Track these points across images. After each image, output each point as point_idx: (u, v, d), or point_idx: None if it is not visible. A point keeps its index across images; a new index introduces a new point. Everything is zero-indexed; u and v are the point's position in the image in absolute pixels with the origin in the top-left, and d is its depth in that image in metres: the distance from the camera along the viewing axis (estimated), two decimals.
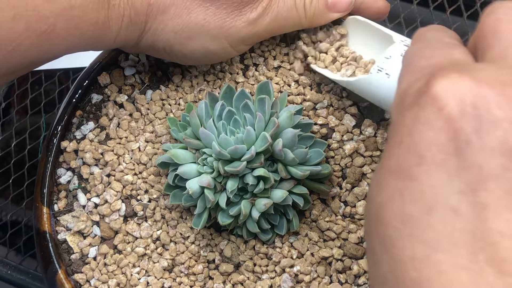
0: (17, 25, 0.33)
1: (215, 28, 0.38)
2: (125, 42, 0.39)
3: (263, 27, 0.39)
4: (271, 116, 0.39)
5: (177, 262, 0.41)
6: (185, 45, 0.39)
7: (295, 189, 0.39)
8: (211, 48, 0.39)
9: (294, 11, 0.40)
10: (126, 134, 0.44)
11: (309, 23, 0.41)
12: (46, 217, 0.43)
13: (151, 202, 0.42)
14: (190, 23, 0.38)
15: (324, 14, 0.41)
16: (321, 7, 0.40)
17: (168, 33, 0.38)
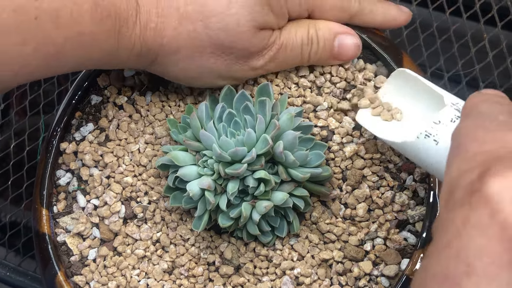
0: (26, 48, 0.33)
1: (223, 71, 0.39)
2: (135, 67, 0.40)
3: (268, 70, 0.41)
4: (271, 118, 0.39)
5: (177, 264, 0.41)
6: (195, 80, 0.40)
7: (295, 191, 0.39)
8: (219, 84, 0.41)
9: (299, 58, 0.41)
10: (125, 136, 0.44)
11: (314, 64, 0.42)
12: (45, 219, 0.42)
13: (151, 204, 0.42)
14: (201, 66, 0.39)
15: (327, 61, 0.42)
16: (326, 56, 0.41)
17: (177, 71, 0.39)
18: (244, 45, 0.38)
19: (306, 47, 0.40)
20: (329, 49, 0.41)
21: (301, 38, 0.40)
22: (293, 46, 0.40)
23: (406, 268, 0.38)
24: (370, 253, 0.39)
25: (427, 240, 0.38)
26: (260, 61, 0.40)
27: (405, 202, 0.40)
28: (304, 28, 0.40)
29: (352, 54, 0.41)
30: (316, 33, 0.40)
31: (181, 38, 0.37)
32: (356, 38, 0.41)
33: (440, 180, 0.37)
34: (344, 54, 0.41)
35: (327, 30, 0.41)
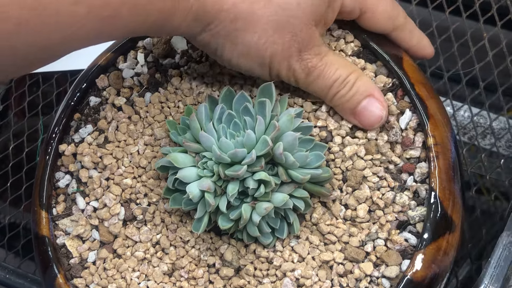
0: (79, 9, 0.32)
1: (267, 57, 0.38)
2: (185, 33, 0.38)
3: (297, 79, 0.40)
4: (271, 119, 0.39)
5: (177, 266, 0.41)
6: (236, 58, 0.39)
7: (295, 193, 0.39)
8: (255, 71, 0.40)
9: (325, 91, 0.40)
10: (125, 137, 0.44)
11: (333, 107, 0.41)
12: (44, 221, 0.42)
13: (150, 206, 0.42)
14: (251, 42, 0.38)
15: (345, 114, 0.41)
16: (348, 107, 0.40)
17: (226, 41, 0.38)
18: (295, 31, 0.38)
19: (338, 85, 0.40)
20: (354, 103, 0.40)
21: (339, 75, 0.40)
22: (329, 75, 0.40)
23: (407, 269, 0.38)
24: (370, 254, 0.39)
25: (428, 241, 0.38)
26: (297, 64, 0.39)
27: (405, 202, 0.39)
28: (347, 69, 0.40)
29: (370, 121, 0.40)
30: (355, 80, 0.40)
31: (242, 7, 0.37)
32: (384, 111, 0.40)
33: None
34: (364, 117, 0.40)
35: (364, 85, 0.40)
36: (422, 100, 0.40)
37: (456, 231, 0.39)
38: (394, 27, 0.42)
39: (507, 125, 0.54)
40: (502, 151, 0.54)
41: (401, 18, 0.42)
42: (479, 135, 0.55)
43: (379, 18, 0.41)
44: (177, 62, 0.45)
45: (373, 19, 0.41)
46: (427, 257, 0.37)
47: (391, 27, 0.42)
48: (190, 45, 0.45)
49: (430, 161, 0.39)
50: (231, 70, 0.43)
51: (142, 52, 0.46)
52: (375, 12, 0.41)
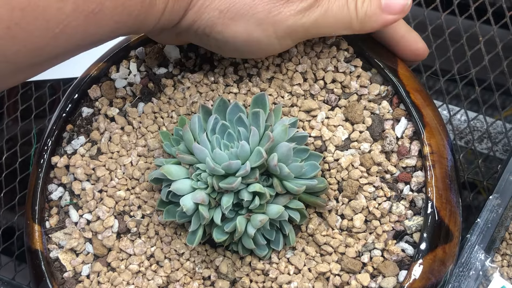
0: (65, 5, 0.32)
1: (262, 12, 0.36)
2: (168, 22, 0.37)
3: (311, 20, 0.37)
4: (265, 130, 0.38)
5: (172, 279, 0.40)
6: (228, 26, 0.36)
7: (291, 204, 0.38)
8: (255, 35, 0.37)
9: (346, 9, 0.37)
10: (118, 149, 0.43)
11: (361, 26, 0.38)
12: (37, 234, 0.42)
13: (144, 218, 0.42)
14: (238, 3, 0.36)
15: (377, 16, 0.38)
16: (374, 8, 0.38)
17: (212, 11, 0.36)
18: None
19: (352, 4, 0.37)
20: (376, 4, 0.38)
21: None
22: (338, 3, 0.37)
23: (404, 280, 0.37)
24: (367, 265, 0.39)
25: (425, 251, 0.37)
26: (303, 2, 0.36)
27: (402, 212, 0.39)
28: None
29: (401, 4, 0.38)
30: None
31: None
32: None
33: None
34: (393, 5, 0.38)
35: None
36: (418, 108, 0.40)
37: (454, 240, 0.39)
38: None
39: (504, 129, 0.53)
40: (499, 156, 0.53)
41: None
42: (475, 139, 0.55)
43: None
44: (170, 71, 0.44)
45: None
46: (424, 268, 0.37)
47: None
48: (183, 54, 0.45)
49: (426, 170, 0.39)
50: (224, 81, 0.42)
51: (135, 62, 0.45)
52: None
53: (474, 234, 0.42)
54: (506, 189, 0.42)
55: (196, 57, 0.45)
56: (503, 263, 0.43)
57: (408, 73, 0.42)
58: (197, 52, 0.45)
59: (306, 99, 0.42)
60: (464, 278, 0.41)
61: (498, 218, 0.42)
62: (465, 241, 0.42)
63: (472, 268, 0.41)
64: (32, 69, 0.34)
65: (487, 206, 0.42)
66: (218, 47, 0.39)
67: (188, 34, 0.38)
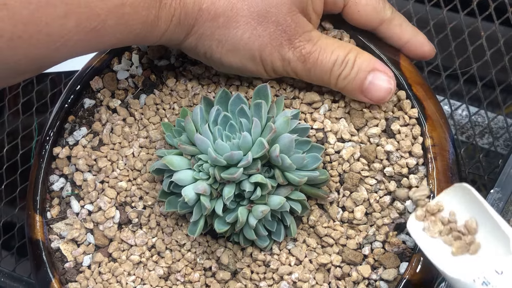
0: (68, 21, 0.32)
1: (256, 50, 0.38)
2: (170, 41, 0.38)
3: (295, 70, 0.39)
4: (267, 121, 0.38)
5: (173, 270, 0.40)
6: (226, 56, 0.38)
7: (292, 195, 0.38)
8: (248, 67, 0.39)
9: (327, 76, 0.39)
10: (119, 140, 0.43)
11: (340, 91, 0.40)
12: (39, 225, 0.42)
13: (146, 209, 0.42)
14: (235, 37, 0.38)
15: (354, 94, 0.39)
16: (354, 86, 0.39)
17: (212, 41, 0.38)
18: (278, 20, 0.37)
19: (338, 67, 0.38)
20: (359, 81, 0.38)
21: (336, 56, 0.38)
22: (326, 59, 0.38)
23: (405, 272, 0.37)
24: (368, 257, 0.39)
25: None
26: (290, 53, 0.38)
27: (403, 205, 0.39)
28: (344, 49, 0.39)
29: (380, 96, 0.39)
30: (355, 58, 0.38)
31: (220, 3, 0.37)
32: (392, 82, 0.39)
33: None
34: (373, 92, 0.39)
35: (366, 61, 0.39)
36: (420, 101, 0.40)
37: None
38: (380, 20, 0.41)
39: (505, 124, 0.53)
40: (500, 151, 0.54)
41: (387, 11, 0.41)
42: (477, 134, 0.55)
43: (363, 10, 0.40)
44: (172, 63, 0.44)
45: (356, 11, 0.40)
46: (425, 260, 0.37)
47: (376, 21, 0.41)
48: None
49: (428, 163, 0.39)
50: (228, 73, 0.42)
51: (137, 54, 0.45)
52: (359, 4, 0.40)
53: None
54: (507, 183, 0.42)
55: None
56: None
57: (410, 66, 0.42)
58: None
59: (308, 92, 0.42)
60: None
61: (499, 212, 0.42)
62: None
63: None
64: (33, 73, 0.36)
65: (488, 200, 0.42)
66: (215, 66, 0.41)
67: (190, 52, 0.40)
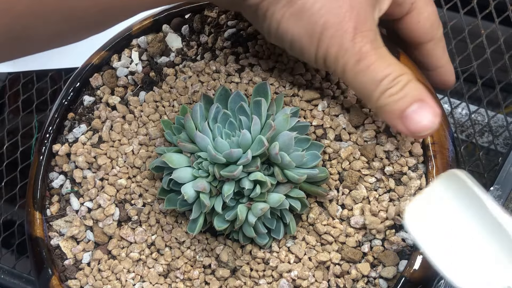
0: None
1: (320, 25, 0.34)
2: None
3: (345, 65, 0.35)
4: (267, 119, 0.38)
5: (172, 267, 0.40)
6: (286, 21, 0.35)
7: (292, 193, 0.38)
8: (302, 41, 0.35)
9: (374, 86, 0.35)
10: (119, 137, 0.43)
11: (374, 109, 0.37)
12: (38, 222, 0.42)
13: (145, 207, 0.42)
14: (306, 3, 0.34)
15: (391, 118, 0.36)
16: (396, 108, 0.35)
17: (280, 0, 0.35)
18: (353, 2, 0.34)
19: (388, 82, 0.35)
20: (404, 104, 0.35)
21: (391, 71, 0.35)
22: (379, 68, 0.35)
23: (404, 270, 0.37)
24: (368, 255, 0.39)
25: None
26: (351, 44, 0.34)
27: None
28: (400, 68, 0.35)
29: (418, 128, 0.35)
30: (407, 81, 0.35)
31: None
32: (436, 121, 0.35)
33: None
34: (412, 122, 0.35)
35: (417, 89, 0.35)
36: None
37: None
38: (432, 37, 0.40)
39: (505, 123, 0.53)
40: (500, 149, 0.54)
41: (440, 30, 0.40)
42: (477, 132, 0.55)
43: (423, 22, 0.39)
44: (172, 60, 0.44)
45: (416, 22, 0.39)
46: (425, 257, 0.37)
47: (430, 36, 0.40)
48: (185, 43, 0.45)
49: (427, 160, 0.39)
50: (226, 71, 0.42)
51: (137, 51, 0.45)
52: (421, 14, 0.39)
53: None
54: (507, 181, 0.42)
55: (198, 46, 0.45)
56: None
57: (410, 63, 0.42)
58: (198, 42, 0.45)
59: (307, 89, 0.42)
60: None
61: None
62: None
63: None
64: (98, 29, 0.33)
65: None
66: (268, 33, 0.37)
67: (249, 9, 0.36)
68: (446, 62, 0.42)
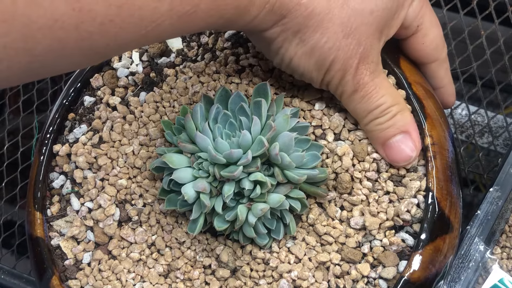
0: (162, 5, 0.31)
1: (329, 62, 0.37)
2: (254, 28, 0.36)
3: (343, 91, 0.38)
4: (267, 119, 0.38)
5: (173, 267, 0.41)
6: (298, 57, 0.37)
7: (292, 193, 0.38)
8: (312, 75, 0.38)
9: (365, 113, 0.39)
10: (119, 137, 0.43)
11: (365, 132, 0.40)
12: (39, 222, 0.42)
13: (146, 207, 0.42)
14: (318, 43, 0.36)
15: (376, 144, 0.39)
16: (380, 136, 0.39)
17: (294, 38, 0.37)
18: (361, 39, 0.36)
19: (379, 112, 0.38)
20: (388, 134, 0.39)
21: (384, 101, 0.38)
22: (373, 99, 0.38)
23: (404, 270, 0.37)
24: (367, 255, 0.39)
25: (425, 242, 0.37)
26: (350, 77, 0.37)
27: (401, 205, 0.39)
28: (393, 99, 0.38)
29: (397, 157, 0.39)
30: (396, 112, 0.38)
31: (320, 3, 0.35)
32: (415, 153, 0.38)
33: None
34: (393, 151, 0.39)
35: (404, 120, 0.39)
36: (419, 99, 0.40)
37: (454, 231, 0.39)
38: (436, 59, 0.41)
39: (504, 123, 0.53)
40: (500, 150, 0.54)
41: (444, 52, 0.41)
42: (476, 133, 0.55)
43: (428, 44, 0.40)
44: (173, 61, 0.45)
45: (421, 43, 0.40)
46: (424, 258, 0.37)
47: (433, 57, 0.41)
48: (185, 44, 0.45)
49: (427, 161, 0.39)
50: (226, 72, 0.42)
51: (137, 51, 0.45)
52: (427, 36, 0.40)
53: (474, 226, 0.42)
54: (507, 182, 0.42)
55: (198, 47, 0.45)
56: (502, 255, 0.43)
57: (410, 65, 0.42)
58: (199, 43, 0.45)
59: (307, 90, 0.42)
60: (464, 269, 0.41)
61: (498, 211, 0.42)
62: (465, 233, 0.42)
63: (472, 259, 0.41)
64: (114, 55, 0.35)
65: (487, 198, 0.42)
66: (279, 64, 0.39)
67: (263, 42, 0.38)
68: (448, 83, 0.43)
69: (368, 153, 0.40)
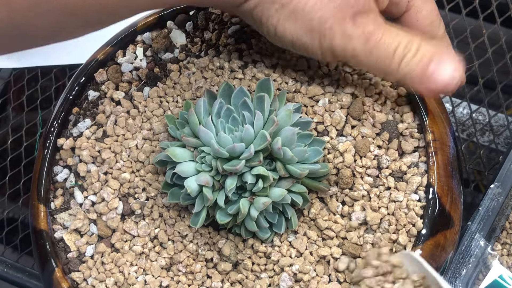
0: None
1: (316, 21, 0.35)
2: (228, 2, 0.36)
3: (354, 50, 0.35)
4: (270, 114, 0.39)
5: (175, 260, 0.41)
6: (282, 23, 0.35)
7: (294, 188, 0.39)
8: (303, 40, 0.36)
9: (390, 58, 0.36)
10: (123, 132, 0.44)
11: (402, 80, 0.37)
12: (42, 215, 0.42)
13: (148, 200, 0.42)
14: (299, 2, 0.34)
15: (416, 84, 0.36)
16: (417, 73, 0.35)
17: (271, 5, 0.35)
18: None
19: (401, 50, 0.35)
20: (422, 67, 0.35)
21: (400, 40, 0.35)
22: (389, 41, 0.35)
23: None
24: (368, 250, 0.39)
25: (426, 237, 0.38)
26: (353, 29, 0.34)
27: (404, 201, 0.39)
28: (408, 35, 0.36)
29: (443, 82, 0.35)
30: (419, 44, 0.35)
31: None
32: (459, 70, 0.35)
33: None
34: (436, 79, 0.35)
35: (432, 47, 0.35)
36: (421, 96, 0.40)
37: (455, 227, 0.39)
38: (433, 36, 0.39)
39: (506, 122, 0.54)
40: (501, 148, 0.54)
41: (441, 29, 0.40)
42: (478, 132, 0.55)
43: (421, 20, 0.39)
44: (176, 56, 0.45)
45: (415, 20, 0.39)
46: (425, 253, 0.37)
47: (430, 34, 0.39)
48: (189, 39, 0.45)
49: (428, 157, 0.39)
50: (229, 67, 0.43)
51: (141, 46, 0.46)
52: (419, 12, 0.39)
53: (474, 222, 0.42)
54: (507, 178, 0.43)
55: (202, 42, 0.45)
56: (503, 252, 0.43)
57: None
58: (202, 38, 0.45)
59: (310, 86, 0.42)
60: (464, 265, 0.41)
61: (499, 207, 0.42)
62: (466, 228, 0.42)
63: (472, 255, 0.42)
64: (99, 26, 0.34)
65: (488, 195, 0.42)
66: (268, 35, 0.38)
67: (245, 14, 0.37)
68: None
69: (370, 150, 0.40)
